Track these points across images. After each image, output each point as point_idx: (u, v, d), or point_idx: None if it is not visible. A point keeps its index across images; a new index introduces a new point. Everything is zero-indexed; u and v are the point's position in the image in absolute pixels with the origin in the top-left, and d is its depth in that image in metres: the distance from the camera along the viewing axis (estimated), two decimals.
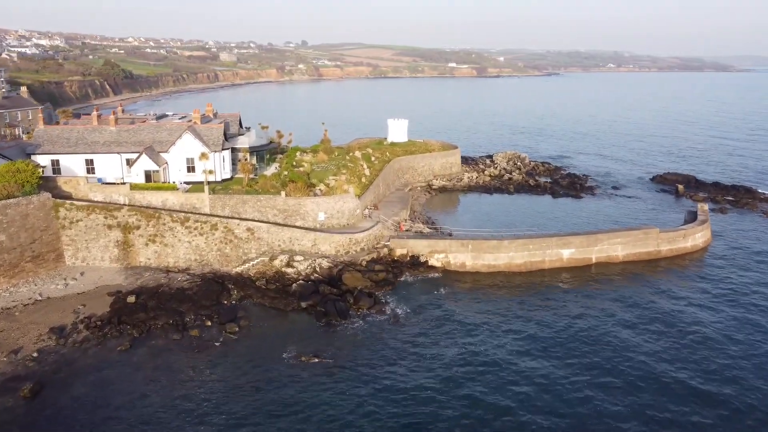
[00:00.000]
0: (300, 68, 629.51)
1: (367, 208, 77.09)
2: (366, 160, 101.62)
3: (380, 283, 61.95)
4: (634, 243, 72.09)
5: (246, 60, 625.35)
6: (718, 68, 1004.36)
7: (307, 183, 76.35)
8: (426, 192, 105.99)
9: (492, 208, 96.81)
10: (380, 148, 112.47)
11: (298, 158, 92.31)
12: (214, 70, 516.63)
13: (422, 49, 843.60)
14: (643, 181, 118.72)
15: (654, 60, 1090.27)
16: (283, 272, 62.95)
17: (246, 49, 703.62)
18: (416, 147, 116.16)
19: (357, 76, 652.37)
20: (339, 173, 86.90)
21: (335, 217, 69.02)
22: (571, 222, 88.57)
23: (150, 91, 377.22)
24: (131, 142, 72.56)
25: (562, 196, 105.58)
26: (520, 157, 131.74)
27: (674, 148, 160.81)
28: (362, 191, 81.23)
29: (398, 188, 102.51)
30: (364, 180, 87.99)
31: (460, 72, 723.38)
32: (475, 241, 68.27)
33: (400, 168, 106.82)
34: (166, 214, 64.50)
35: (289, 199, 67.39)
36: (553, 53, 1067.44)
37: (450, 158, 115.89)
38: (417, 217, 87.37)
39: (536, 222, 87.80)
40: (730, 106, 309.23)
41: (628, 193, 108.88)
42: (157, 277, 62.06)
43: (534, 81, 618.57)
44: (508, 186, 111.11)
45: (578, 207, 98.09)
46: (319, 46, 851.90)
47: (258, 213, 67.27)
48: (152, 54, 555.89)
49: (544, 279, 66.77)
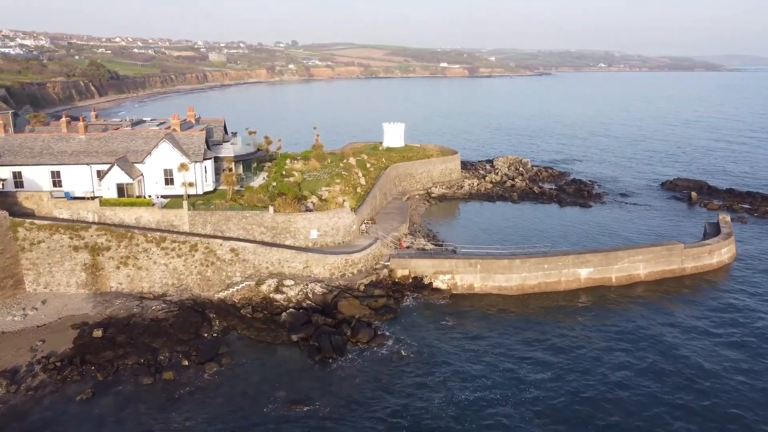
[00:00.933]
0: (290, 68, 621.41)
1: (364, 223, 70.43)
2: (361, 168, 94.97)
3: (380, 311, 55.30)
4: (656, 260, 65.82)
5: (236, 60, 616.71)
6: (708, 68, 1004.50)
7: (298, 195, 69.64)
8: (425, 201, 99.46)
9: (496, 219, 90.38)
10: (376, 154, 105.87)
11: (288, 167, 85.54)
12: (203, 71, 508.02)
13: (413, 49, 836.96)
14: (653, 188, 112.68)
15: (644, 60, 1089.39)
16: (271, 299, 56.16)
17: (235, 49, 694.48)
18: (413, 152, 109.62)
19: (348, 76, 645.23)
20: (332, 183, 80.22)
21: (329, 235, 62.32)
22: (583, 234, 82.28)
23: (137, 92, 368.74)
24: (102, 151, 65.51)
25: (570, 205, 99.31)
26: (522, 162, 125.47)
27: (677, 151, 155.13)
28: (358, 203, 74.62)
29: (395, 197, 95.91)
30: (360, 190, 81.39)
31: (452, 72, 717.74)
32: (484, 261, 61.75)
33: (398, 175, 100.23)
34: (140, 233, 57.56)
35: (278, 216, 60.60)
36: (544, 53, 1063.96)
37: (449, 164, 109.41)
38: (417, 230, 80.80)
39: (545, 234, 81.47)
40: (728, 106, 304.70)
41: (638, 201, 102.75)
42: (129, 306, 55.08)
43: (526, 81, 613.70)
44: (511, 193, 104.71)
45: (588, 217, 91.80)
46: (310, 46, 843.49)
47: (243, 231, 60.44)
48: (140, 54, 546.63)
49: (560, 303, 60.32)
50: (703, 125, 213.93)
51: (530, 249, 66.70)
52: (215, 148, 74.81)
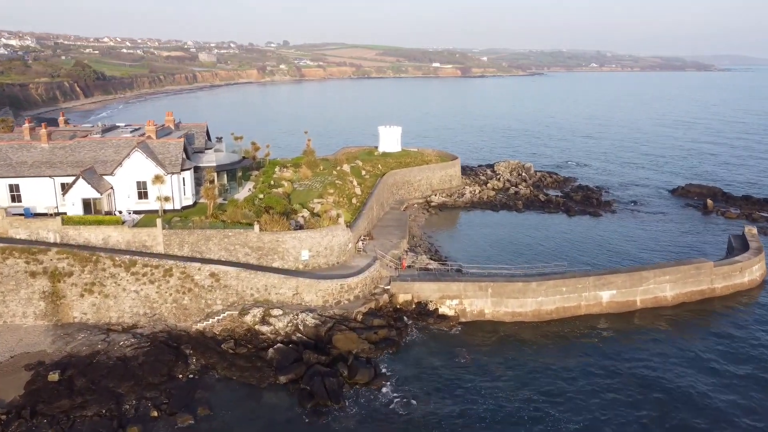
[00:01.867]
0: (281, 69, 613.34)
1: (361, 240, 63.73)
2: (356, 175, 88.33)
3: (381, 344, 48.62)
4: (684, 280, 59.53)
5: (226, 60, 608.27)
6: (699, 68, 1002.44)
7: (287, 209, 62.90)
8: (424, 210, 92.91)
9: (501, 230, 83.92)
10: (371, 160, 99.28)
11: (277, 175, 78.75)
12: (192, 71, 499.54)
13: (405, 49, 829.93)
14: (664, 195, 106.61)
15: (636, 59, 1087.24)
16: (256, 331, 49.38)
17: (226, 49, 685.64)
18: (411, 158, 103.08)
19: (340, 76, 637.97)
20: (325, 193, 73.56)
21: (322, 255, 55.58)
22: (596, 248, 75.95)
23: (124, 93, 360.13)
24: (68, 162, 58.52)
25: (578, 214, 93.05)
26: (524, 167, 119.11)
27: (681, 154, 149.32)
28: (353, 216, 67.96)
29: (393, 206, 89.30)
30: (356, 201, 74.79)
31: (445, 72, 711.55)
32: (496, 283, 55.21)
33: (395, 183, 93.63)
34: (107, 256, 50.63)
35: (265, 235, 53.80)
36: (535, 53, 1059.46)
37: (449, 170, 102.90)
38: (418, 245, 74.20)
39: (556, 249, 75.13)
40: (725, 107, 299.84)
41: (650, 209, 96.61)
42: (93, 341, 48.12)
43: (519, 81, 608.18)
44: (515, 202, 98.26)
45: (599, 228, 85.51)
46: (301, 47, 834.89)
47: (225, 252, 53.63)
48: (128, 54, 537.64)
49: (581, 330, 53.87)
50: (703, 127, 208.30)
51: (544, 267, 60.27)
52: (196, 157, 67.94)
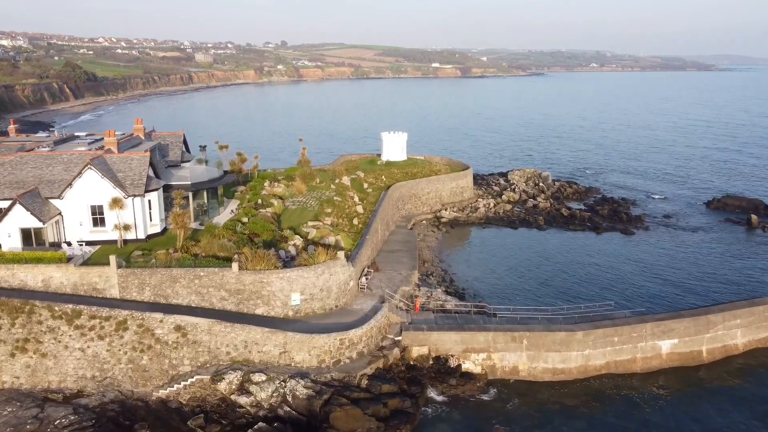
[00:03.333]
0: (279, 69, 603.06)
1: (364, 274, 53.04)
2: (357, 189, 77.81)
3: (391, 421, 37.86)
4: (759, 324, 49.01)
5: (223, 61, 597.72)
6: (700, 68, 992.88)
7: (276, 236, 52.38)
8: (434, 227, 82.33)
9: (523, 253, 73.35)
10: (374, 170, 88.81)
11: (266, 191, 68.22)
12: (188, 72, 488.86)
13: (405, 49, 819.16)
14: (697, 207, 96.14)
15: (636, 60, 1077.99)
16: (232, 402, 38.79)
17: (223, 49, 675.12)
18: (418, 168, 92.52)
19: (338, 77, 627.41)
20: (322, 213, 63.01)
21: (317, 298, 44.98)
22: (637, 275, 65.40)
23: (116, 95, 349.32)
24: (6, 182, 47.95)
25: (607, 231, 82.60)
26: (541, 176, 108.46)
27: (708, 160, 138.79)
28: (355, 241, 57.41)
29: (399, 224, 78.77)
30: (357, 222, 64.20)
31: (444, 72, 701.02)
32: (533, 333, 44.61)
33: (401, 197, 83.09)
34: (44, 306, 40.04)
35: (246, 274, 43.15)
36: (535, 53, 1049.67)
37: (461, 181, 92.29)
38: (430, 273, 63.64)
39: (590, 277, 64.69)
40: (739, 109, 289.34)
41: (686, 225, 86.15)
42: (22, 417, 37.51)
43: (520, 81, 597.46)
44: (535, 217, 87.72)
45: (635, 249, 74.97)
46: (299, 47, 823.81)
47: (196, 296, 43.06)
48: (123, 55, 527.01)
49: (637, 390, 43.37)
50: (721, 131, 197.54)
51: (587, 310, 49.68)
52: (168, 173, 57.31)
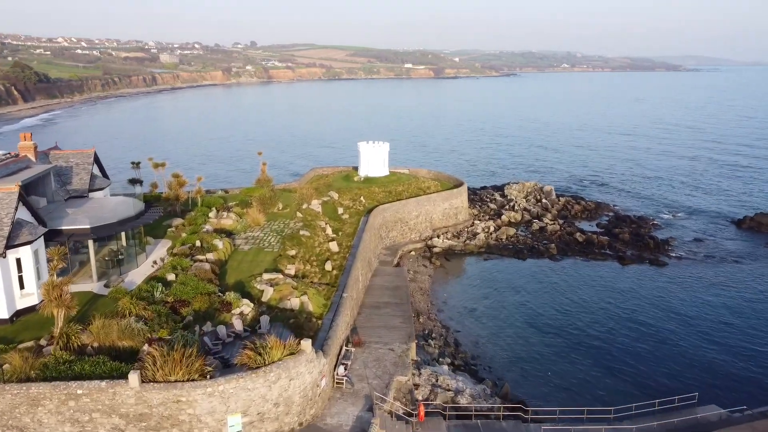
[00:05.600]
0: (248, 70, 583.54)
1: (342, 357, 37.01)
2: (331, 217, 62.14)
3: None
4: None
5: (189, 62, 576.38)
6: (668, 68, 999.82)
7: (214, 303, 36.50)
8: (425, 260, 67.11)
9: (540, 297, 58.40)
10: (350, 189, 73.32)
11: (211, 225, 52.19)
12: (151, 73, 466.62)
13: (377, 50, 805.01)
14: (727, 228, 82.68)
15: (606, 60, 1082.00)
16: None
17: (190, 50, 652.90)
18: (403, 185, 77.20)
19: (310, 78, 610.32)
20: (283, 257, 47.24)
21: (271, 417, 29.06)
22: (689, 328, 51.05)
23: (71, 97, 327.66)
24: None
25: (634, 262, 68.33)
26: (543, 190, 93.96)
27: (715, 168, 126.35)
28: (328, 299, 41.79)
29: (383, 258, 63.37)
30: (331, 266, 48.42)
31: (417, 73, 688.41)
32: None
33: (384, 223, 67.66)
34: None
35: (153, 390, 26.94)
36: (506, 54, 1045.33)
37: (454, 200, 77.20)
38: (427, 330, 48.28)
39: (630, 332, 50.14)
40: (714, 110, 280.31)
41: (723, 251, 72.38)
42: None
43: (494, 82, 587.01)
44: (545, 245, 73.08)
45: (675, 288, 60.62)
46: (269, 47, 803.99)
47: (72, 427, 26.99)
48: (83, 56, 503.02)
49: None
50: (712, 135, 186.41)
51: (662, 405, 34.77)
52: (61, 211, 40.88)
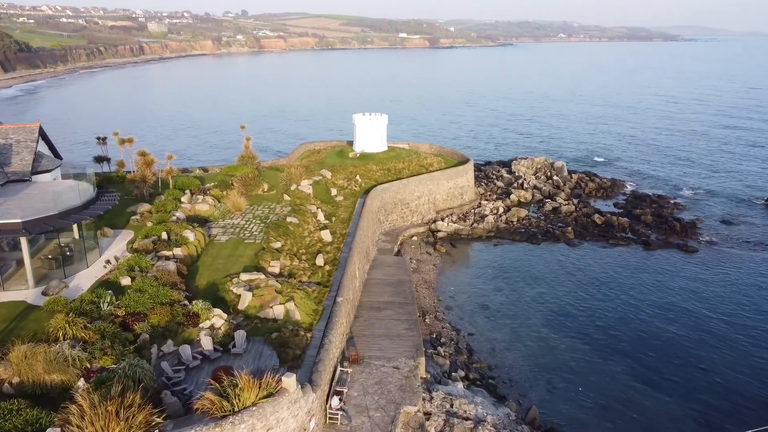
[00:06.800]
0: (239, 39, 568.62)
1: (336, 383, 29.82)
2: (323, 199, 54.87)
3: None
4: None
5: (178, 31, 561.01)
6: (666, 38, 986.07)
7: (179, 315, 29.40)
8: (429, 246, 60.18)
9: (560, 289, 51.60)
10: (344, 166, 65.90)
11: (183, 212, 44.86)
12: (138, 42, 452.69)
13: (371, 19, 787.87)
14: (756, 207, 75.94)
15: (603, 30, 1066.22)
16: None
17: (179, 18, 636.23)
18: (403, 161, 69.78)
19: (302, 47, 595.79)
20: (266, 251, 40.06)
21: None
22: (728, 326, 44.56)
23: (55, 67, 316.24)
24: None
25: (661, 247, 61.56)
26: (554, 166, 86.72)
27: (734, 142, 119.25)
28: (320, 304, 34.78)
29: (382, 246, 56.34)
30: (323, 260, 41.23)
31: (412, 43, 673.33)
32: None
33: (383, 205, 60.48)
34: None
35: None
36: (502, 23, 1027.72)
37: (459, 179, 69.83)
38: (435, 333, 41.53)
39: (675, 335, 43.54)
40: (722, 79, 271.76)
41: (755, 233, 65.77)
42: None
43: (491, 52, 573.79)
44: (561, 228, 66.12)
45: (708, 276, 54.02)
46: (261, 16, 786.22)
47: None
48: (68, 24, 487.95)
49: None
50: (719, 108, 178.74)
51: None
52: None
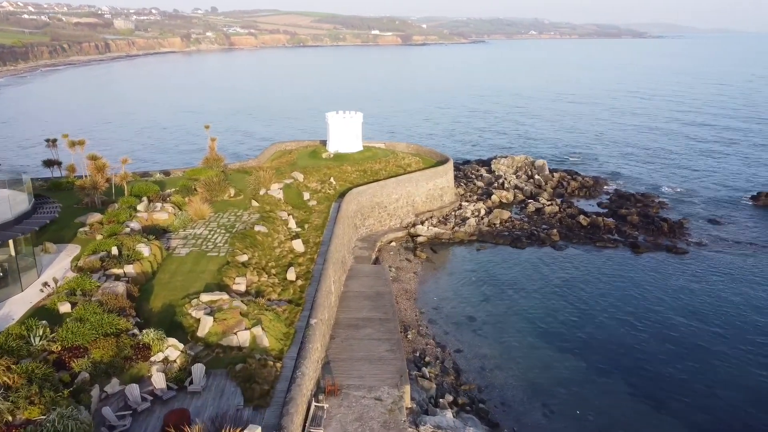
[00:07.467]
0: (208, 36, 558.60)
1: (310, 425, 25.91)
2: (295, 204, 50.98)
3: None
4: None
5: (146, 28, 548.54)
6: (635, 35, 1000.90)
7: (125, 348, 25.36)
8: (407, 252, 56.72)
9: (550, 298, 48.40)
10: (318, 168, 62.05)
11: (138, 222, 40.64)
12: (104, 40, 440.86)
13: (343, 16, 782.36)
14: (742, 205, 73.99)
15: (573, 27, 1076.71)
16: None
17: (146, 15, 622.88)
18: (379, 162, 66.15)
19: (273, 45, 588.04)
20: (232, 265, 36.09)
21: None
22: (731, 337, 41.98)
23: (15, 65, 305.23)
24: None
25: (649, 249, 58.92)
26: (534, 165, 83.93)
27: (709, 136, 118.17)
28: (291, 325, 30.98)
29: (359, 254, 52.70)
30: (294, 274, 37.36)
31: (385, 40, 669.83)
32: None
33: (360, 209, 56.82)
34: None
35: None
36: (475, 20, 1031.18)
37: (439, 180, 66.47)
38: (419, 351, 38.07)
39: (669, 344, 40.75)
40: (690, 76, 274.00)
41: (744, 233, 63.66)
42: None
43: (463, 49, 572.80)
44: (546, 230, 63.18)
45: (702, 280, 51.47)
46: (231, 13, 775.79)
47: None
48: (30, 21, 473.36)
49: None
50: (692, 104, 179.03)
51: None
52: None
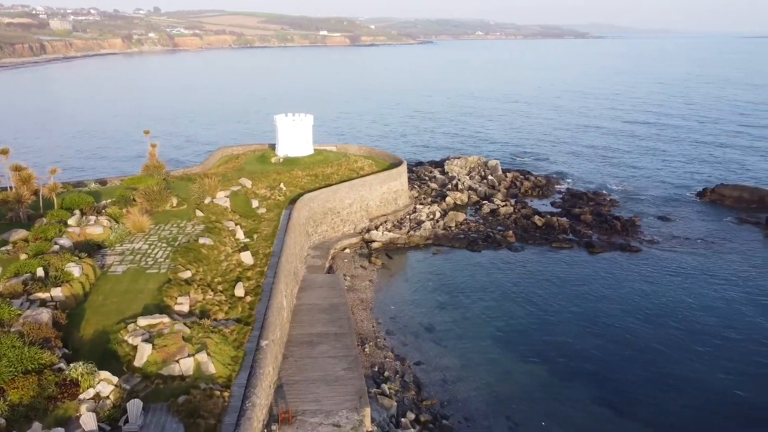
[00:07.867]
0: (151, 38, 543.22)
1: None
2: (243, 213, 48.56)
3: None
4: None
5: (84, 28, 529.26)
6: (577, 35, 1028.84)
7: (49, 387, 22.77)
8: (362, 258, 55.03)
9: (508, 302, 47.61)
10: (267, 173, 59.69)
11: (69, 237, 37.60)
12: (39, 40, 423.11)
13: (290, 17, 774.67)
14: (689, 202, 75.27)
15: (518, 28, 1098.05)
16: None
17: (85, 15, 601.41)
18: (331, 166, 64.22)
19: (219, 46, 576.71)
20: (174, 284, 33.51)
21: None
22: (694, 339, 41.95)
23: None
24: None
25: (603, 249, 58.91)
26: (487, 165, 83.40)
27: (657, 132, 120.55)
28: (240, 348, 28.81)
29: (312, 263, 50.65)
30: (243, 290, 35.02)
31: (333, 41, 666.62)
32: None
33: (311, 216, 54.75)
34: None
35: None
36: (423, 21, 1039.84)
37: (393, 183, 64.97)
38: (379, 369, 36.39)
39: (625, 346, 40.36)
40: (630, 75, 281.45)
41: (691, 229, 64.55)
42: None
43: (412, 49, 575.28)
44: (502, 232, 62.44)
45: (655, 279, 51.63)
46: (174, 13, 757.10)
47: None
48: None
49: None
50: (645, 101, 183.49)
51: None
52: None
